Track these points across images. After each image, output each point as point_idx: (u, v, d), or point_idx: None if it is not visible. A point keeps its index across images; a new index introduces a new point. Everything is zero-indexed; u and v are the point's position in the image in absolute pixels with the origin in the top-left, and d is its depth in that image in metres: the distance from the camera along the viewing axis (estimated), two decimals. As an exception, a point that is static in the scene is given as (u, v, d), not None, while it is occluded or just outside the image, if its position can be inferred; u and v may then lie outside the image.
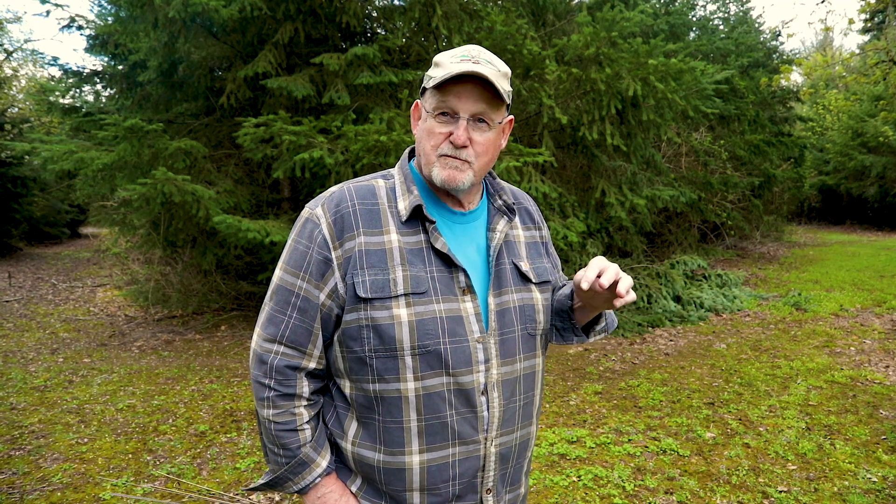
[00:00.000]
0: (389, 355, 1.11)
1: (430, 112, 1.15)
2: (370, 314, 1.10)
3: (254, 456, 3.53)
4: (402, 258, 1.13)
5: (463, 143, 1.13)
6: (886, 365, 5.06)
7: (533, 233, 1.35)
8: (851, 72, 13.14)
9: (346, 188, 1.19)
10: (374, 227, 1.15)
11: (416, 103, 1.22)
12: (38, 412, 4.26)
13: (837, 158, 18.33)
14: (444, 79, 1.10)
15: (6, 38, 19.67)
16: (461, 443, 1.14)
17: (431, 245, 1.16)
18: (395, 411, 1.12)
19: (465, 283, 1.16)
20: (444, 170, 1.15)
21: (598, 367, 5.26)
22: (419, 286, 1.12)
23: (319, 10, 6.02)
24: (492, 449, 1.17)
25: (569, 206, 6.71)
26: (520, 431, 1.23)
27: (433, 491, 1.14)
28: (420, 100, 1.21)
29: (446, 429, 1.13)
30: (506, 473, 1.22)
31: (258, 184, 6.93)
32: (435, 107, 1.14)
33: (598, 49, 5.98)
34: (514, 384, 1.20)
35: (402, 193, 1.19)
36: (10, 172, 13.17)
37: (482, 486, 1.18)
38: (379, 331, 1.10)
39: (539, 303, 1.26)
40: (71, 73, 7.78)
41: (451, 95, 1.12)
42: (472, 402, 1.14)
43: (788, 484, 3.12)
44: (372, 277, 1.11)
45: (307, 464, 1.17)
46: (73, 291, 9.46)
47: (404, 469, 1.13)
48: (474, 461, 1.16)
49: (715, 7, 14.67)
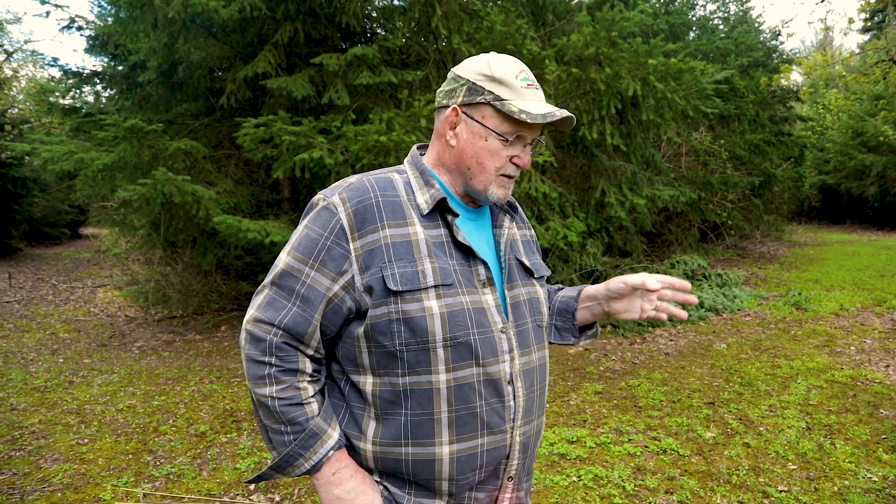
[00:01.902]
0: (421, 348, 1.11)
1: (497, 134, 1.16)
2: (401, 307, 1.10)
3: (254, 456, 3.53)
4: (428, 250, 1.13)
5: (527, 166, 1.21)
6: (887, 364, 5.06)
7: (525, 231, 1.40)
8: (851, 71, 13.13)
9: (367, 179, 1.18)
10: (399, 219, 1.14)
11: (456, 109, 1.18)
12: (38, 413, 4.26)
13: (837, 158, 18.32)
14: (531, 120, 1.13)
15: (6, 39, 19.70)
16: (490, 433, 1.15)
17: (453, 238, 1.17)
18: (425, 403, 1.12)
19: (486, 276, 1.18)
20: (501, 189, 1.21)
21: (599, 367, 5.26)
22: (447, 278, 1.13)
23: (319, 11, 6.02)
24: (517, 438, 1.19)
25: (569, 206, 6.71)
26: (537, 420, 1.26)
27: (460, 480, 1.16)
28: (462, 107, 1.18)
29: (476, 419, 1.14)
30: (525, 462, 1.24)
31: (258, 184, 6.93)
32: (504, 132, 1.16)
33: (598, 49, 5.98)
34: (532, 374, 1.23)
35: (420, 188, 1.19)
36: (11, 173, 13.18)
37: (504, 473, 1.20)
38: (411, 324, 1.10)
39: (542, 296, 1.32)
40: (71, 73, 7.78)
41: (524, 128, 1.17)
42: (500, 392, 1.16)
43: (789, 483, 3.12)
44: (401, 270, 1.10)
45: (318, 435, 1.12)
46: (73, 292, 9.46)
47: (434, 460, 1.13)
48: (501, 450, 1.17)
49: (715, 7, 14.66)
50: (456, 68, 1.22)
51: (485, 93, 1.15)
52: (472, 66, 1.18)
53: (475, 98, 1.16)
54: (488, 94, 1.15)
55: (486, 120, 1.16)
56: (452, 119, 1.19)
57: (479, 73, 1.16)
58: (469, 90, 1.17)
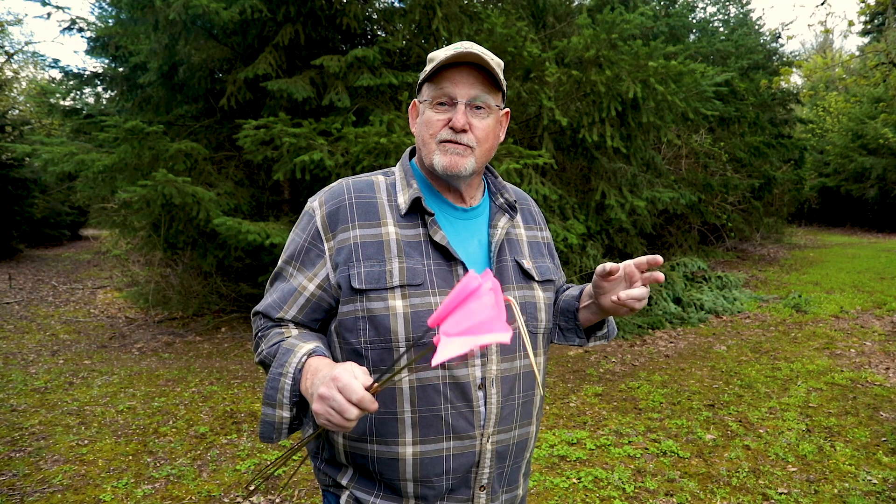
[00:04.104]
0: (384, 347, 1.11)
1: (428, 102, 1.17)
2: (366, 305, 1.11)
3: (254, 458, 3.53)
4: (399, 250, 1.13)
5: (462, 126, 1.13)
6: (887, 367, 5.06)
7: (535, 232, 1.35)
8: (851, 74, 13.16)
9: (345, 182, 1.22)
10: (371, 220, 1.16)
11: (414, 102, 1.24)
12: (38, 414, 4.26)
13: (837, 160, 18.34)
14: (439, 65, 1.13)
15: (7, 41, 19.69)
16: (455, 437, 1.13)
17: (430, 238, 1.16)
18: (388, 402, 1.11)
19: None
20: (445, 156, 1.15)
21: (599, 369, 5.26)
22: (415, 278, 1.12)
23: (320, 13, 6.03)
24: (488, 446, 1.15)
25: (569, 208, 6.71)
26: (518, 430, 1.21)
27: (426, 483, 1.14)
28: (417, 98, 1.23)
29: (440, 422, 1.12)
30: (503, 472, 1.21)
31: (258, 186, 6.93)
32: (433, 96, 1.16)
33: (599, 51, 5.99)
34: (513, 381, 1.18)
35: (403, 188, 1.20)
36: (11, 174, 13.18)
37: (475, 482, 1.17)
38: (374, 322, 1.10)
39: (541, 301, 1.25)
40: (72, 75, 7.79)
41: (446, 82, 1.14)
42: (468, 397, 1.12)
43: (789, 486, 3.12)
44: (367, 269, 1.11)
45: (291, 350, 1.09)
46: (73, 293, 9.46)
47: (397, 459, 1.13)
48: (469, 457, 1.14)
49: (715, 9, 14.70)
50: None
51: (421, 77, 1.19)
52: None
53: (419, 86, 1.21)
54: (423, 74, 1.18)
55: (421, 96, 1.20)
56: (413, 112, 1.25)
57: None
58: (418, 83, 1.22)
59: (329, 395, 0.93)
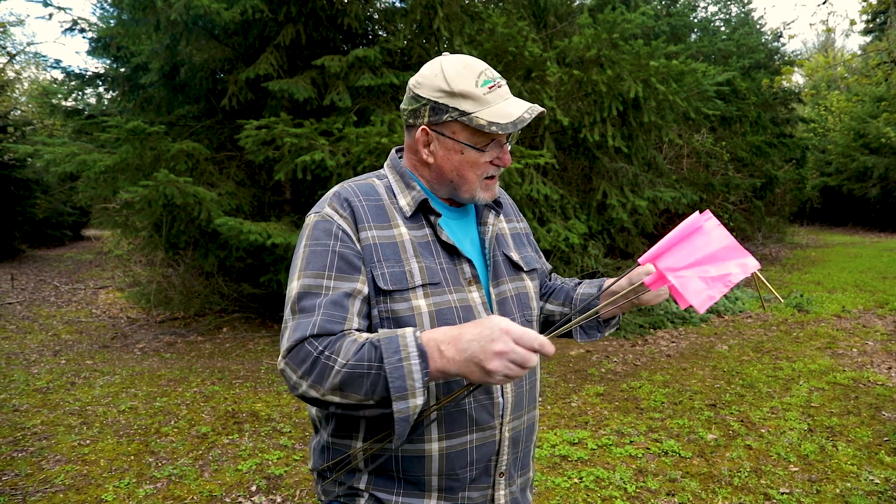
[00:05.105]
0: None
1: (471, 146, 1.15)
2: (390, 307, 1.10)
3: (255, 458, 3.53)
4: (414, 250, 1.15)
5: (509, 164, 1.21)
6: (889, 367, 5.05)
7: (515, 224, 1.40)
8: (853, 73, 13.14)
9: (348, 186, 1.20)
10: (383, 222, 1.16)
11: (425, 129, 1.16)
12: (40, 414, 4.27)
13: (839, 160, 18.31)
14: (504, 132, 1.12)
15: (9, 42, 19.74)
16: (478, 429, 1.16)
17: (437, 238, 1.18)
18: None
19: (471, 274, 1.19)
20: (487, 191, 1.22)
21: (600, 369, 5.26)
22: (434, 277, 1.14)
23: (321, 13, 6.03)
24: (506, 433, 1.19)
25: (570, 208, 6.71)
26: (527, 415, 1.26)
27: (451, 476, 1.15)
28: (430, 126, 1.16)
29: (465, 416, 1.14)
30: (517, 457, 1.25)
31: (260, 186, 6.93)
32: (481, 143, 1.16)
33: (600, 51, 5.99)
34: None
35: (402, 191, 1.21)
36: (13, 175, 13.21)
37: (496, 469, 1.20)
38: (400, 323, 1.10)
39: (531, 290, 1.32)
40: (73, 75, 7.81)
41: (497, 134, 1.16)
42: (489, 389, 1.16)
43: (790, 486, 3.11)
44: (390, 270, 1.11)
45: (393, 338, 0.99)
46: (75, 293, 9.48)
47: (424, 457, 1.14)
48: (490, 446, 1.18)
49: (716, 8, 14.67)
50: (413, 85, 1.18)
51: (449, 110, 1.13)
52: (430, 84, 1.14)
53: (441, 117, 1.14)
54: (453, 111, 1.13)
55: (457, 135, 1.15)
56: (424, 139, 1.18)
57: (439, 90, 1.13)
58: (433, 110, 1.14)
59: (508, 349, 0.93)
